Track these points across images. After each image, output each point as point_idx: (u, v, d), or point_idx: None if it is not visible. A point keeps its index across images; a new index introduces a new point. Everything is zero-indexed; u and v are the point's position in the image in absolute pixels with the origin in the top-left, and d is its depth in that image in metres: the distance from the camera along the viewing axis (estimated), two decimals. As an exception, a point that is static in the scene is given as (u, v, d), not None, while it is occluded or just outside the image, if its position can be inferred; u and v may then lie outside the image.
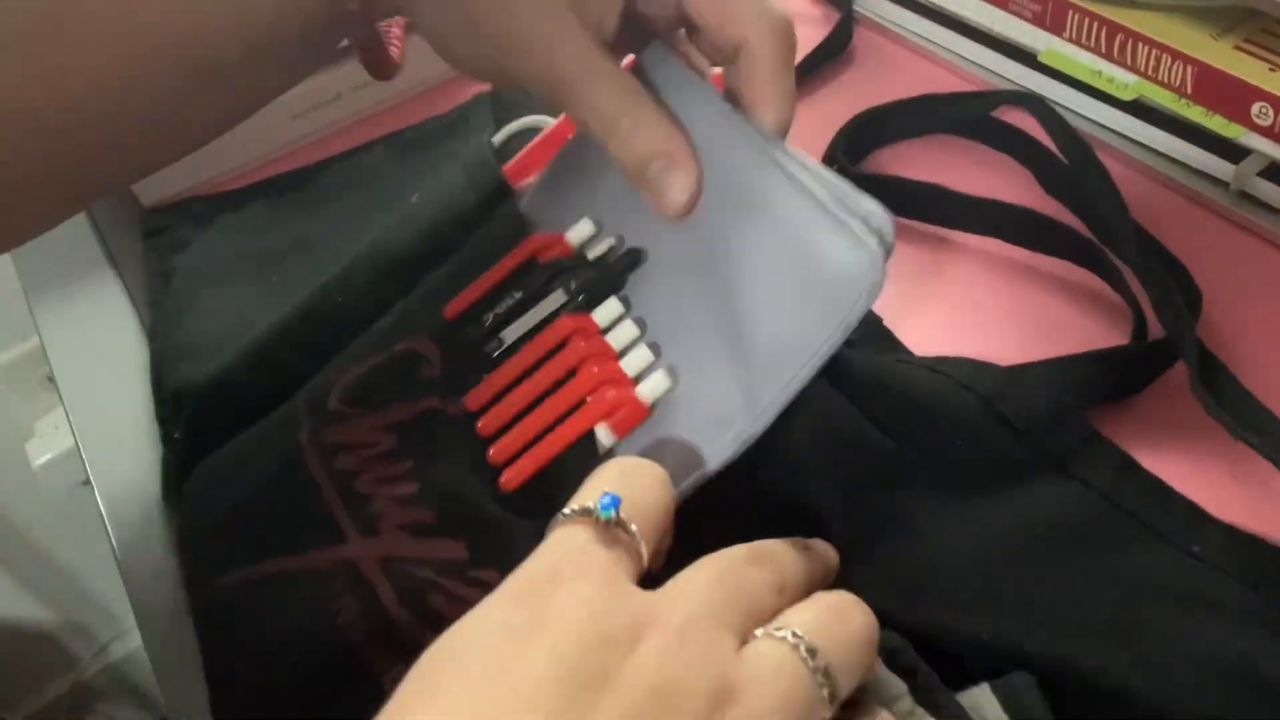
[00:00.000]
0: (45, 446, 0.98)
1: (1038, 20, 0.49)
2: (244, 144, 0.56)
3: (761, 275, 0.33)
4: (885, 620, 0.29)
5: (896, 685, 0.28)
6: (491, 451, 0.36)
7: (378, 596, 0.34)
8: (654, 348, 0.36)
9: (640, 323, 0.37)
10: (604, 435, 0.35)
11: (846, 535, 0.34)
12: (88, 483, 0.45)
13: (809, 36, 0.57)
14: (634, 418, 0.35)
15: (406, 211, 0.46)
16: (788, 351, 0.31)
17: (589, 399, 0.35)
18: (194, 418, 0.42)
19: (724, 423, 0.33)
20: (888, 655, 0.29)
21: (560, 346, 0.37)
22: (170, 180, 0.55)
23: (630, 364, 0.36)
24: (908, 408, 0.36)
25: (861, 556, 0.34)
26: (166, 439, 0.43)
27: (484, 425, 0.37)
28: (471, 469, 0.36)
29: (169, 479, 0.42)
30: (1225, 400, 0.37)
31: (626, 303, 0.37)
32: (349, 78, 0.56)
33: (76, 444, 0.46)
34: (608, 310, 0.37)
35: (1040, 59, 0.51)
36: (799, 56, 0.55)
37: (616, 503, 0.27)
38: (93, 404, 0.47)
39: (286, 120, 0.56)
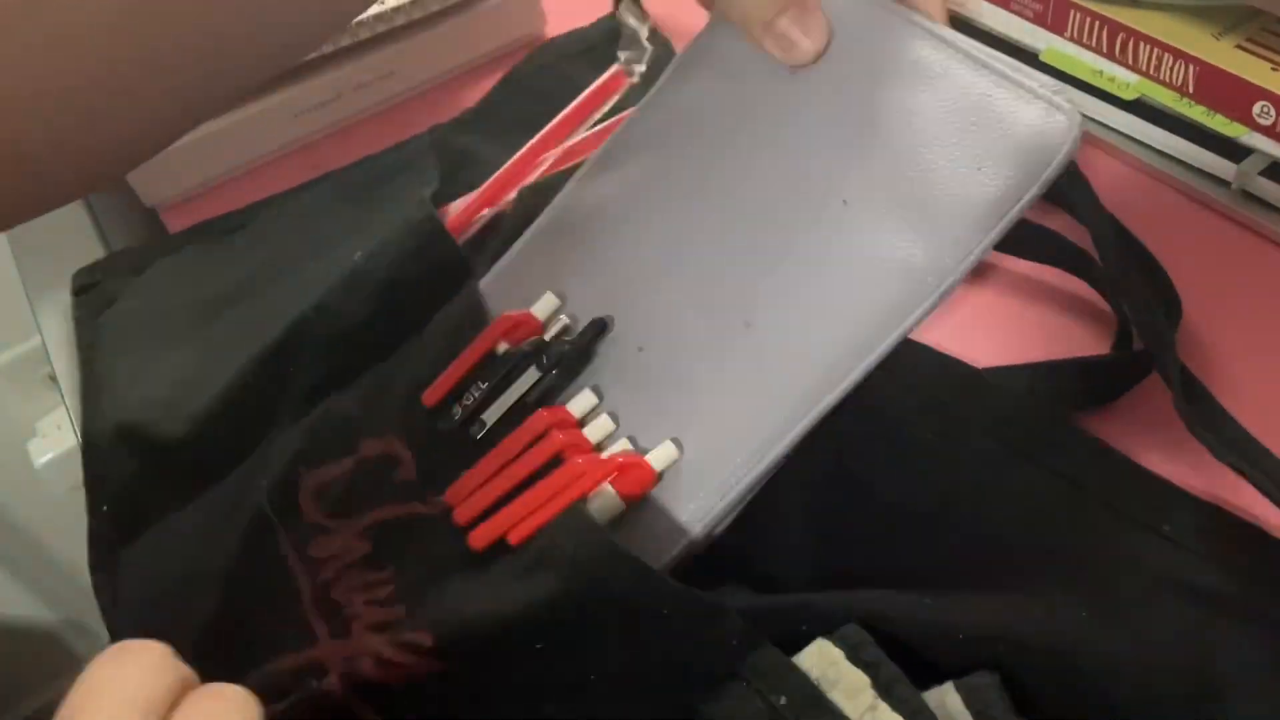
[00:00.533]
0: (47, 446, 0.98)
1: (1039, 20, 0.49)
2: (247, 143, 0.56)
3: (929, 142, 0.33)
4: (852, 617, 0.29)
5: (858, 678, 0.28)
6: (472, 536, 0.35)
7: (329, 683, 0.33)
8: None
9: (614, 416, 0.37)
10: (604, 503, 0.34)
11: (816, 540, 0.34)
12: (90, 481, 0.45)
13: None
14: (642, 481, 0.35)
15: (351, 272, 0.43)
16: (980, 206, 0.32)
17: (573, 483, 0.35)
18: (127, 490, 0.41)
19: (904, 278, 0.33)
20: (850, 651, 0.29)
21: (539, 439, 0.36)
22: (175, 179, 0.54)
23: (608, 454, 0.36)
24: (862, 413, 0.36)
25: (832, 559, 0.34)
26: (94, 509, 0.41)
27: (460, 513, 0.36)
28: (453, 565, 0.35)
29: (100, 551, 0.40)
30: (1203, 415, 0.37)
31: (599, 392, 0.37)
32: (350, 78, 0.56)
33: (79, 443, 0.46)
34: (582, 402, 0.37)
35: (1041, 58, 0.51)
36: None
37: None
38: (95, 403, 0.47)
39: (289, 119, 0.56)
